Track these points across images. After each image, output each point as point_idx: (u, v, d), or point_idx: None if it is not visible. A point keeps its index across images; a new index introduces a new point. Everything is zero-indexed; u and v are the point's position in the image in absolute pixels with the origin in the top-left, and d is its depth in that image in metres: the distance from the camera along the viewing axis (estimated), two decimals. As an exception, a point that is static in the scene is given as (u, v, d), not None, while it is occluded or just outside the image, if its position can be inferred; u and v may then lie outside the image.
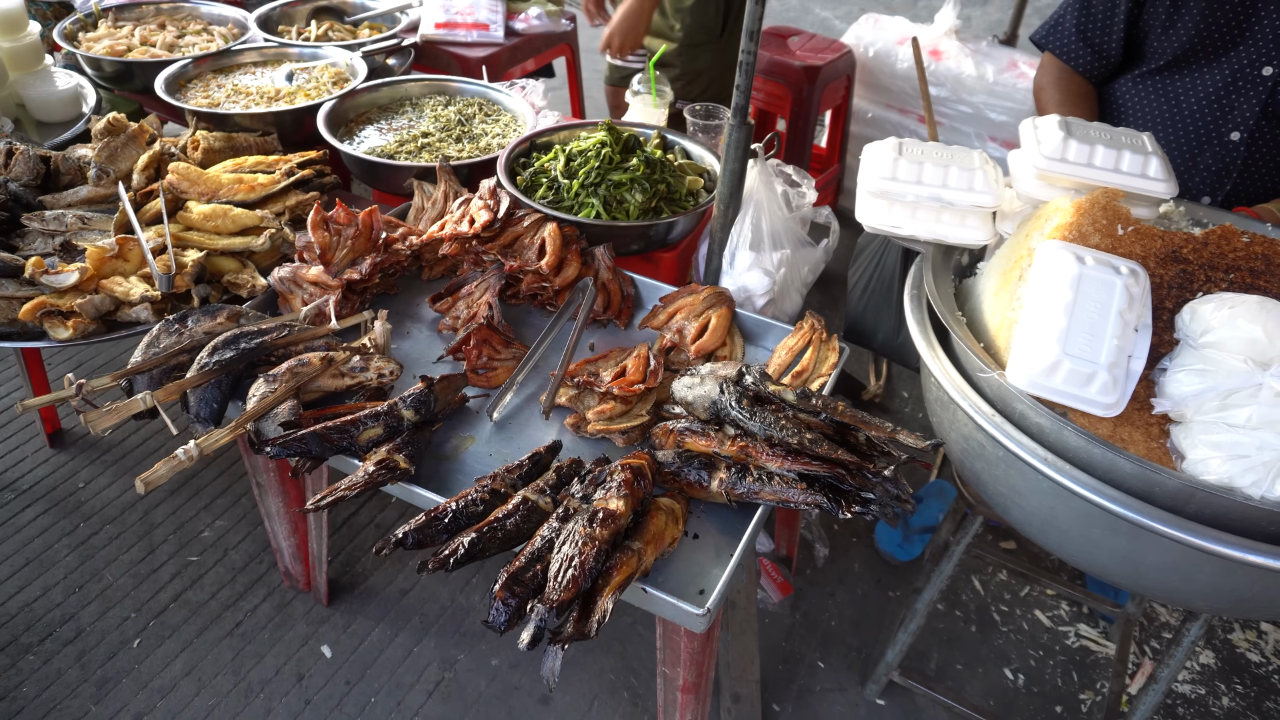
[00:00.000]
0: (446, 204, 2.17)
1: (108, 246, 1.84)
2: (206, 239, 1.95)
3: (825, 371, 1.82)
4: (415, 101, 2.66)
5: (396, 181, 2.33)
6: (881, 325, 1.94)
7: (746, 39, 1.84)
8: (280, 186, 2.05)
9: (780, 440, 1.49)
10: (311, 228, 1.85)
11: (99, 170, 2.07)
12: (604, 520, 1.36)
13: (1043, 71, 2.25)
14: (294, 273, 1.90)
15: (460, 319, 1.94)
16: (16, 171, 2.05)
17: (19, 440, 2.67)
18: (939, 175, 1.57)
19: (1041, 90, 2.24)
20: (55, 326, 1.76)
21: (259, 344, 1.66)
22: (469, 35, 3.20)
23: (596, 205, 2.11)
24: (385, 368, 1.69)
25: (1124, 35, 2.09)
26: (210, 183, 2.03)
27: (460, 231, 1.94)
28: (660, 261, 2.30)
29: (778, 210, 2.11)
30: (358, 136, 2.49)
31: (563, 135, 2.43)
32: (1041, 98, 2.23)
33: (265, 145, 2.39)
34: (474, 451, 1.65)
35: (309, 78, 2.72)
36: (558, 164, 2.20)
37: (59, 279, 1.78)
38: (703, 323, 1.90)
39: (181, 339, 1.68)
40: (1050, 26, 2.22)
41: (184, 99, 2.57)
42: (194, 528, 2.43)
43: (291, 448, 1.48)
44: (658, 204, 2.16)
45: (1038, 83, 2.27)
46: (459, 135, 2.47)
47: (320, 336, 1.74)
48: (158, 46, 2.83)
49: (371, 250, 1.92)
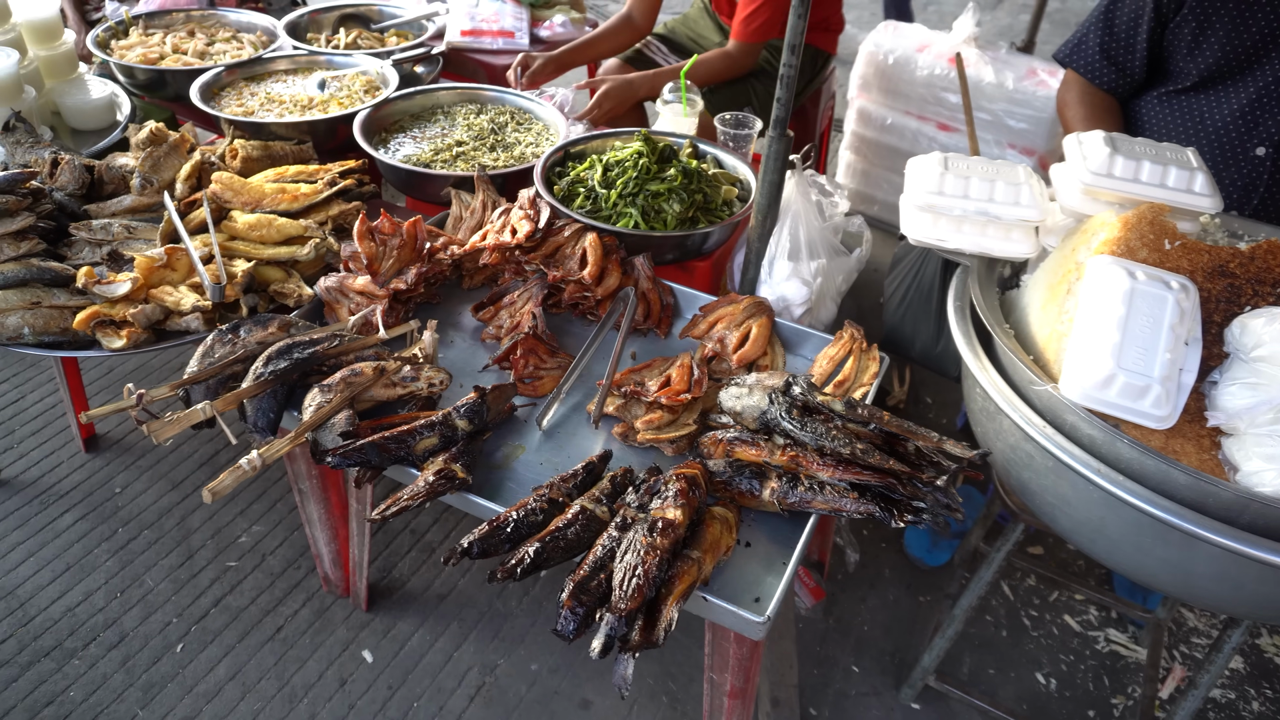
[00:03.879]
0: (485, 213, 2.19)
1: (157, 256, 1.86)
2: (251, 248, 1.97)
3: (867, 381, 1.84)
4: (447, 110, 2.68)
5: (433, 190, 2.35)
6: (920, 334, 1.96)
7: (788, 53, 1.87)
8: (323, 196, 2.07)
9: (832, 450, 1.52)
10: (358, 238, 1.87)
11: (143, 180, 2.09)
12: (663, 529, 1.39)
13: (1066, 88, 2.28)
14: (340, 282, 1.92)
15: (503, 328, 1.96)
16: (62, 181, 2.08)
17: (55, 445, 2.70)
18: (985, 190, 1.59)
19: (1065, 106, 2.26)
20: (109, 336, 1.78)
21: (311, 353, 1.68)
22: (494, 43, 3.23)
23: (635, 215, 2.14)
24: (435, 377, 1.71)
25: (1147, 54, 2.12)
26: (254, 192, 2.06)
27: (503, 242, 1.96)
28: (695, 270, 2.32)
29: (814, 220, 2.13)
30: (391, 145, 2.51)
31: (596, 144, 2.45)
32: (1066, 113, 2.25)
33: (301, 154, 2.42)
34: (525, 460, 1.68)
35: (340, 86, 2.74)
36: (594, 173, 2.23)
37: (111, 289, 1.80)
38: (743, 332, 1.93)
39: (235, 349, 1.70)
40: (1073, 45, 2.25)
41: (218, 107, 2.59)
42: (231, 533, 2.45)
43: (351, 458, 1.50)
44: (694, 214, 2.18)
45: (1061, 98, 2.30)
46: (493, 144, 2.50)
47: (369, 346, 1.77)
48: (189, 54, 2.85)
49: (416, 260, 1.94)
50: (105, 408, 1.54)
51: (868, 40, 3.82)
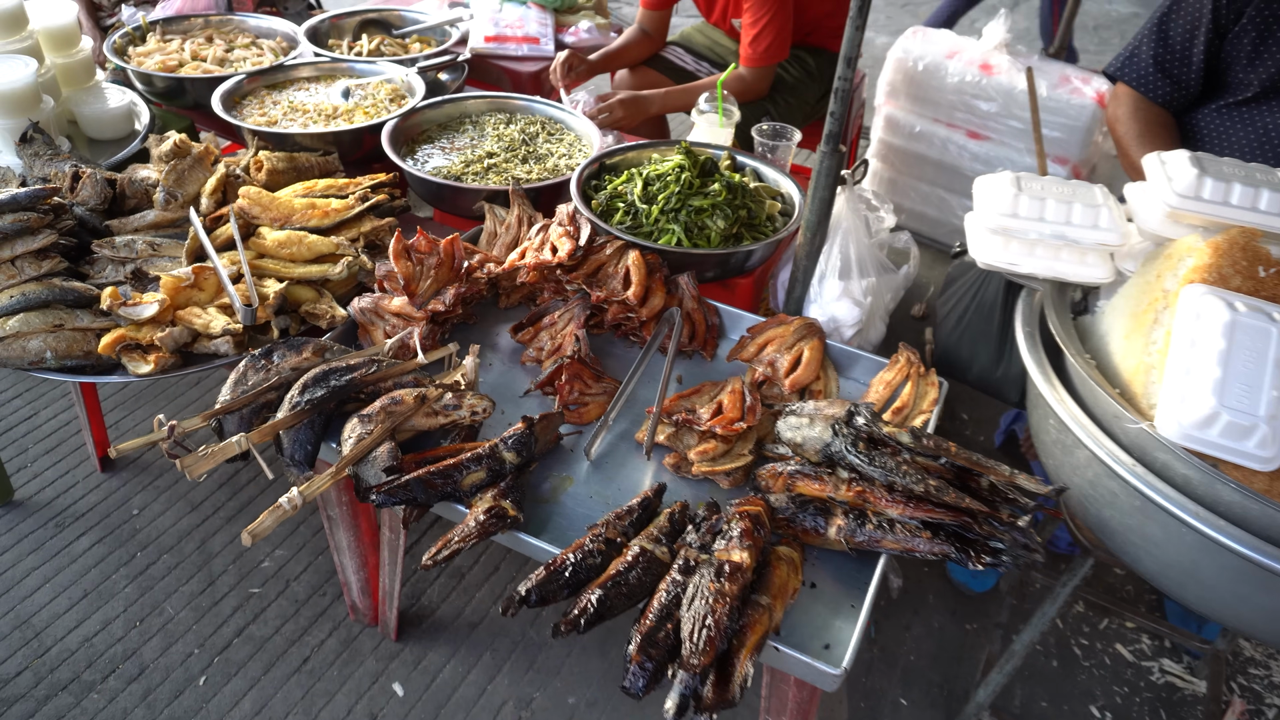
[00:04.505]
0: (521, 229, 2.11)
1: (184, 276, 1.78)
2: (281, 267, 1.89)
3: (926, 408, 1.76)
4: (475, 119, 2.60)
5: (464, 204, 2.27)
6: (978, 357, 1.88)
7: (844, 65, 1.79)
8: (355, 212, 1.99)
9: (903, 487, 1.44)
10: (394, 257, 1.79)
11: (167, 194, 2.01)
12: (731, 574, 1.31)
13: (1117, 102, 2.20)
14: (375, 304, 1.84)
15: (544, 350, 1.88)
16: (84, 195, 2.00)
17: (70, 464, 2.62)
18: (1062, 212, 1.52)
19: (1117, 122, 2.18)
20: (135, 361, 1.70)
21: (349, 381, 1.60)
22: (519, 49, 3.15)
23: (677, 232, 2.06)
24: (478, 405, 1.63)
25: (1204, 66, 2.04)
26: (283, 208, 1.98)
27: (544, 261, 1.88)
28: (736, 288, 2.24)
29: (863, 237, 2.05)
30: (419, 156, 2.43)
31: (632, 156, 2.37)
32: (1118, 129, 2.17)
33: (327, 165, 2.34)
34: (573, 493, 1.60)
35: (365, 94, 2.66)
36: (634, 188, 2.15)
37: (136, 311, 1.72)
38: (795, 355, 1.85)
39: (269, 376, 1.62)
40: (1125, 58, 2.17)
41: (240, 116, 2.51)
42: (253, 557, 2.37)
43: (397, 496, 1.42)
44: (739, 230, 2.10)
45: (1112, 114, 2.22)
46: (524, 155, 2.42)
47: (408, 371, 1.69)
48: (208, 61, 2.77)
49: (454, 280, 1.86)
50: (135, 441, 1.46)
51: (896, 46, 3.74)
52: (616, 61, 3.00)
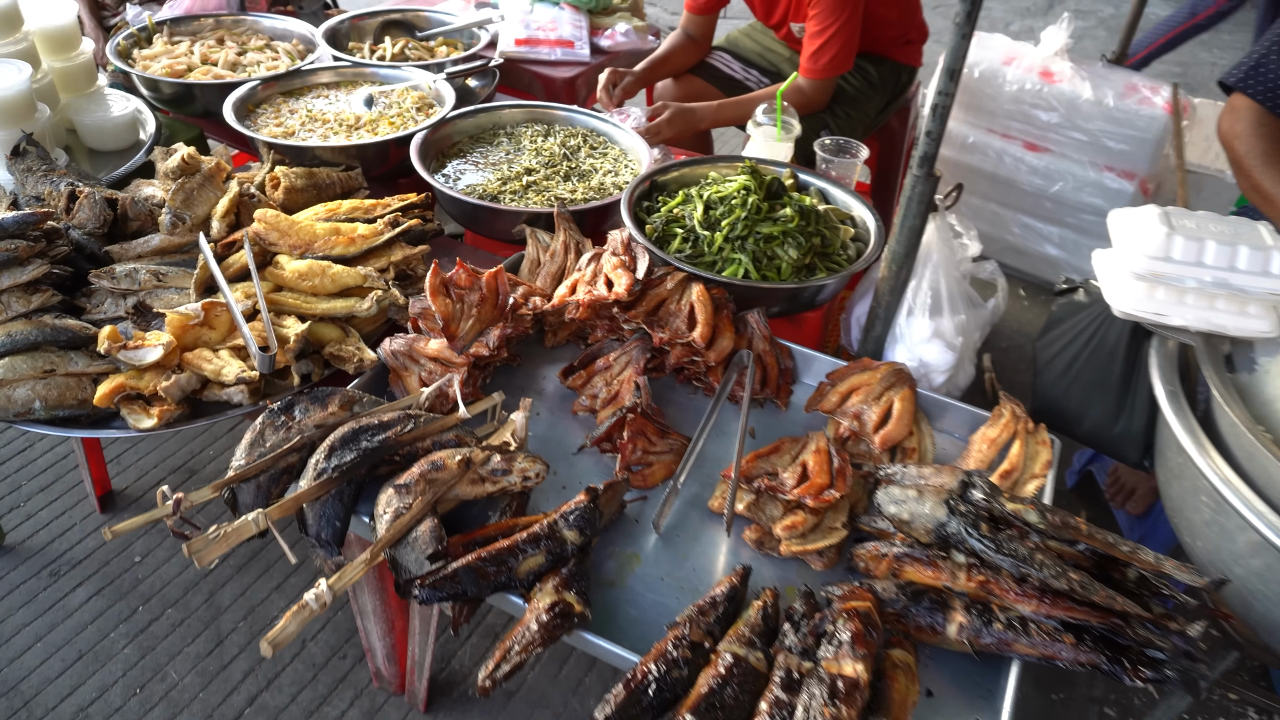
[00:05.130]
0: (567, 256, 1.89)
1: (192, 313, 1.57)
2: (302, 302, 1.68)
3: (1039, 471, 1.54)
4: (510, 131, 2.38)
5: (501, 226, 2.05)
6: (1091, 411, 1.66)
7: (946, 79, 1.57)
8: (385, 239, 1.77)
9: (1041, 581, 1.22)
10: (431, 294, 1.57)
11: (174, 217, 1.80)
12: (846, 693, 1.09)
13: (1234, 117, 1.96)
14: (409, 346, 1.62)
15: (599, 398, 1.66)
16: (81, 218, 1.78)
17: (66, 504, 2.41)
18: (1225, 255, 1.29)
19: (1236, 138, 1.95)
20: (136, 413, 1.49)
21: (382, 442, 1.38)
22: (552, 53, 2.93)
23: (745, 262, 1.84)
24: (530, 469, 1.41)
25: None
26: (303, 234, 1.76)
27: (599, 297, 1.66)
28: (804, 323, 2.02)
29: (952, 269, 1.83)
30: (449, 171, 2.22)
31: (685, 173, 2.15)
32: (1237, 147, 1.94)
33: (350, 182, 2.12)
34: (642, 575, 1.38)
35: (390, 103, 2.45)
36: (693, 211, 1.93)
37: (138, 355, 1.51)
38: (884, 407, 1.63)
39: (290, 435, 1.40)
40: (1249, 68, 1.94)
41: (254, 126, 2.30)
42: (266, 612, 2.15)
43: (444, 590, 1.20)
44: (811, 260, 1.88)
45: (1229, 130, 1.98)
46: (566, 172, 2.20)
47: (449, 428, 1.47)
48: (219, 65, 2.56)
49: (499, 319, 1.64)
50: (134, 521, 1.24)
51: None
52: (661, 70, 2.78)
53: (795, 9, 2.59)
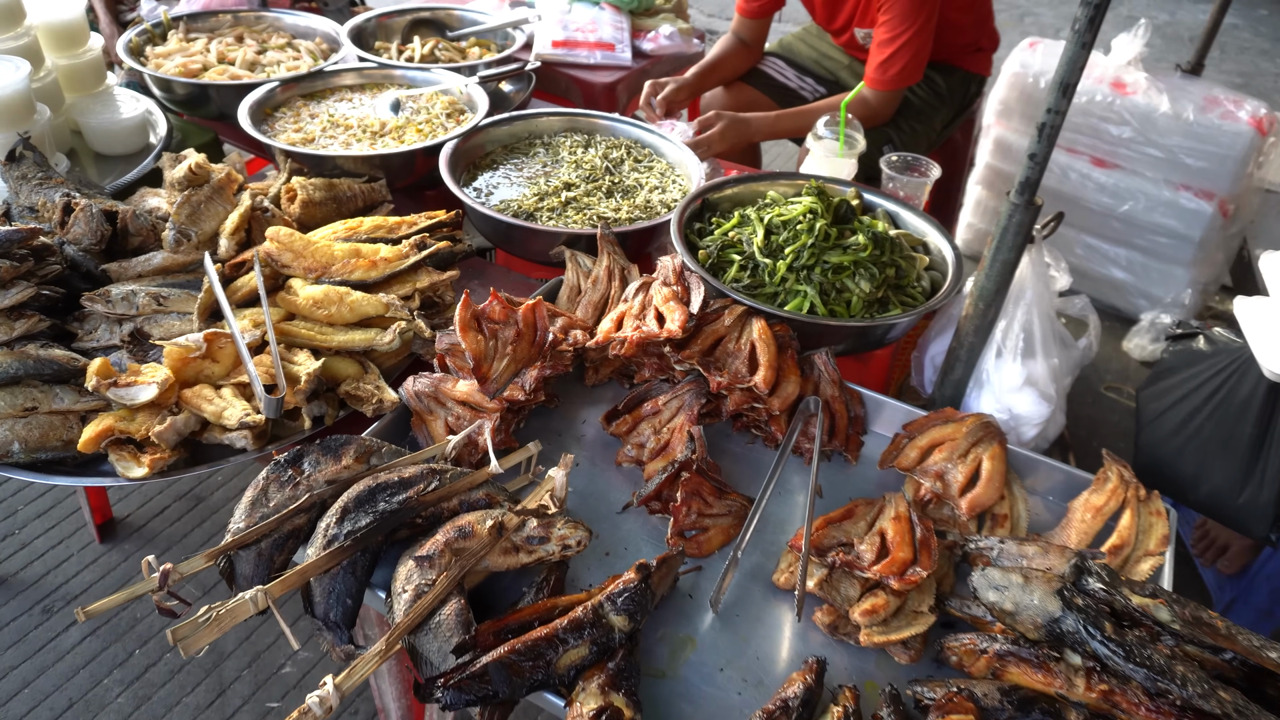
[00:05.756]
0: (611, 284, 1.71)
1: (193, 344, 1.39)
2: (317, 333, 1.50)
3: (1154, 548, 1.34)
4: (548, 141, 2.20)
5: (537, 247, 1.87)
6: (1210, 475, 1.45)
7: (1058, 94, 1.37)
8: (410, 263, 1.59)
9: (1185, 701, 1.01)
10: (461, 329, 1.39)
11: (178, 233, 1.63)
12: (958, 844, 0.89)
13: None
14: (435, 387, 1.44)
15: (647, 448, 1.47)
16: (76, 233, 1.61)
17: (64, 532, 2.25)
18: None
19: None
20: (125, 460, 1.31)
21: (402, 503, 1.20)
22: (591, 56, 2.75)
23: (811, 295, 1.64)
24: (571, 536, 1.22)
25: None
26: (320, 255, 1.58)
27: (649, 334, 1.47)
28: (870, 362, 1.83)
29: (1048, 308, 1.63)
30: (480, 183, 2.04)
31: (738, 191, 1.96)
32: None
33: (373, 194, 1.95)
34: (698, 663, 1.19)
35: (418, 108, 2.27)
36: (752, 235, 1.73)
37: (130, 393, 1.33)
38: (971, 466, 1.43)
39: (297, 491, 1.22)
40: None
41: (271, 132, 2.13)
42: (272, 660, 1.97)
43: (471, 691, 1.02)
44: (885, 293, 1.68)
45: None
46: (608, 187, 2.01)
47: (478, 484, 1.28)
48: (237, 64, 2.39)
49: (536, 357, 1.45)
50: (114, 598, 1.07)
51: (1011, 59, 3.30)
52: (711, 78, 2.59)
53: (862, 13, 2.39)
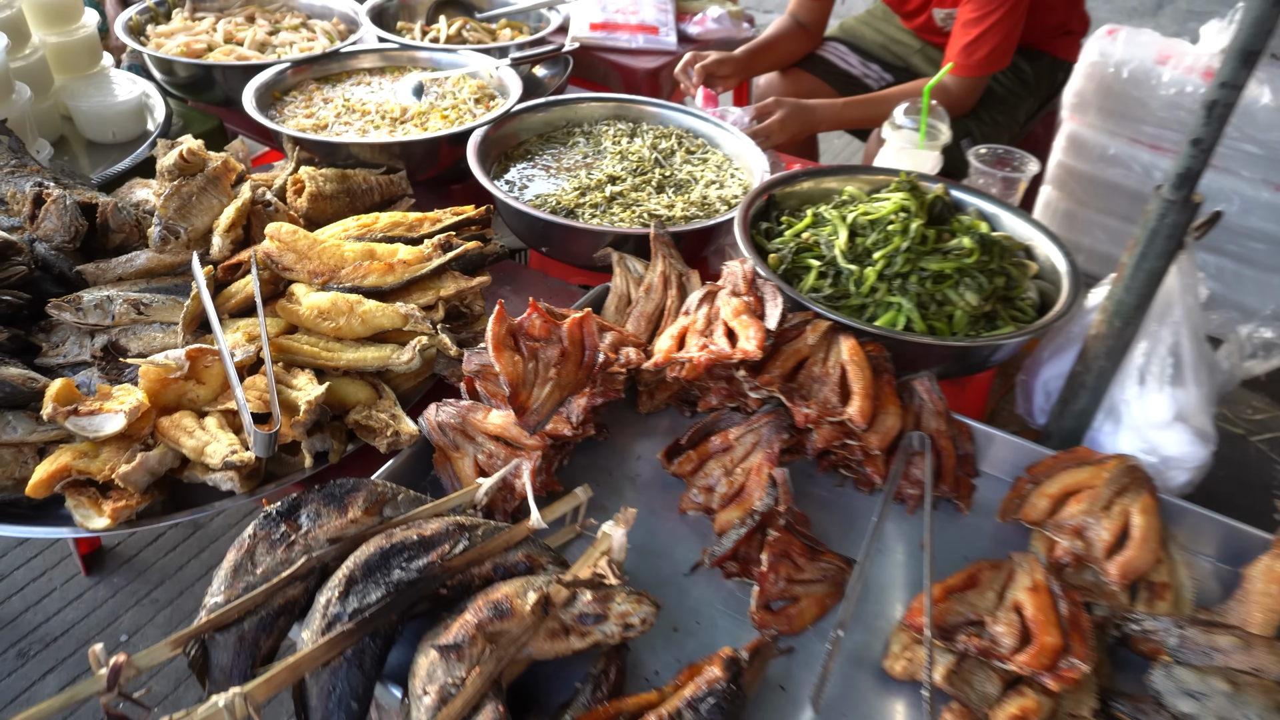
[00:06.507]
0: (667, 293, 1.45)
1: (174, 363, 1.15)
2: (322, 350, 1.25)
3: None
4: (589, 130, 1.95)
5: (578, 249, 1.62)
6: None
7: (1236, 65, 1.10)
8: (433, 266, 1.35)
9: None
10: (494, 348, 1.14)
11: (164, 229, 1.39)
12: None
13: None
14: (463, 418, 1.19)
15: (717, 493, 1.22)
16: (47, 229, 1.38)
17: (46, 563, 2.02)
18: None
19: None
20: (84, 507, 1.07)
21: (423, 570, 0.95)
22: (633, 40, 2.50)
23: (907, 309, 1.38)
24: (634, 613, 0.97)
25: None
26: (328, 257, 1.34)
27: (720, 354, 1.21)
28: (966, 387, 1.56)
29: (1199, 325, 1.35)
30: (513, 176, 1.79)
31: (808, 187, 1.70)
32: None
33: (391, 187, 1.71)
34: (798, 785, 0.93)
35: (443, 92, 2.03)
36: (832, 237, 1.47)
37: (95, 423, 1.10)
38: (1118, 522, 1.16)
39: (292, 554, 0.98)
40: None
41: (279, 118, 1.89)
42: (273, 716, 1.73)
43: (512, 843, 0.77)
44: (993, 306, 1.42)
45: None
46: (659, 181, 1.76)
47: (516, 543, 1.03)
48: (245, 45, 2.17)
49: (585, 382, 1.20)
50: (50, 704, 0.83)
51: (1089, 47, 3.01)
52: (764, 60, 2.34)
53: None
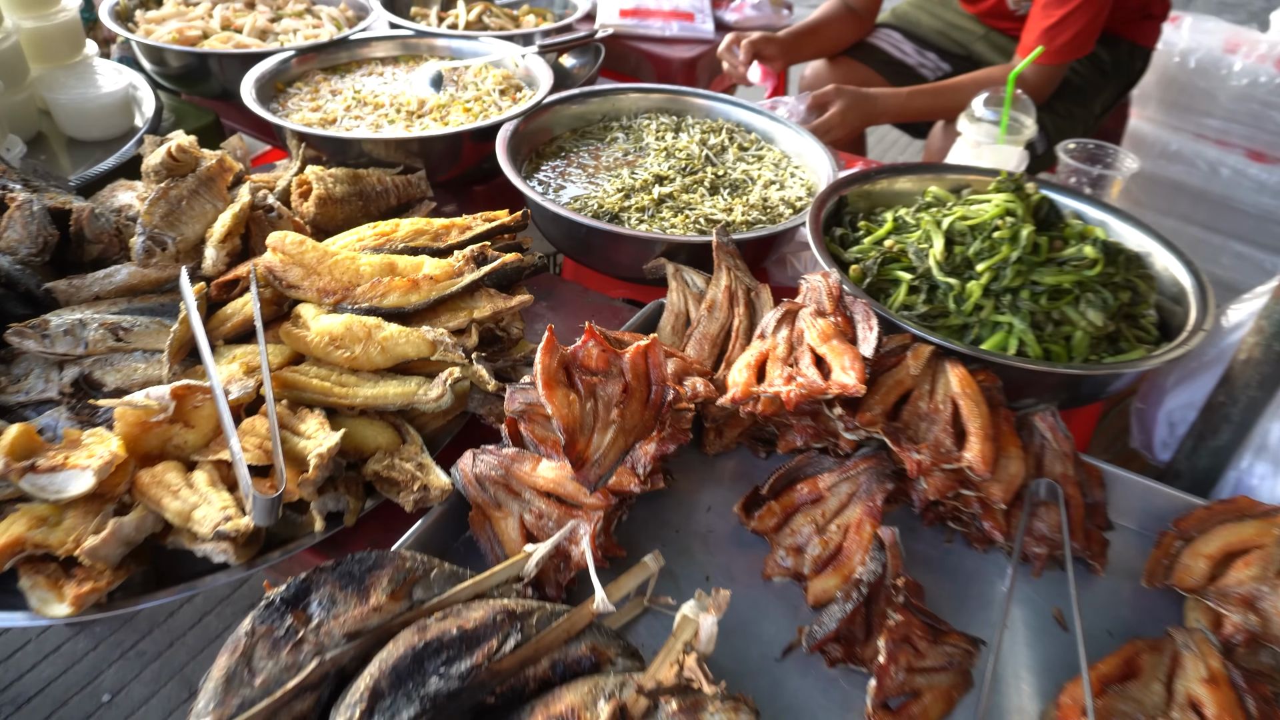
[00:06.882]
0: (734, 311, 1.25)
1: (155, 404, 0.95)
2: (334, 384, 1.05)
3: None
4: (628, 124, 1.75)
5: (623, 259, 1.42)
6: None
7: None
8: (466, 282, 1.14)
9: None
10: (545, 386, 0.93)
11: (149, 239, 1.19)
12: None
13: None
14: (506, 470, 0.99)
15: (808, 555, 1.01)
16: (11, 239, 1.18)
17: (23, 609, 1.80)
18: None
19: None
20: (42, 589, 0.87)
21: (466, 677, 0.75)
22: (666, 27, 2.30)
23: (1020, 329, 1.17)
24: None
25: None
26: (341, 272, 1.13)
27: (813, 388, 1.01)
28: (1073, 418, 1.36)
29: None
30: (544, 175, 1.59)
31: (880, 187, 1.50)
32: None
33: (409, 189, 1.51)
34: None
35: (463, 83, 1.83)
36: (923, 245, 1.27)
37: (56, 482, 0.89)
38: (1301, 594, 0.95)
39: (301, 656, 0.77)
40: None
41: (283, 111, 1.70)
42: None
43: None
44: (1117, 327, 1.21)
45: None
46: (712, 182, 1.55)
47: (578, 632, 0.83)
48: (245, 33, 1.97)
49: (652, 424, 0.99)
50: None
51: (1152, 37, 2.82)
52: (810, 45, 2.14)
53: None
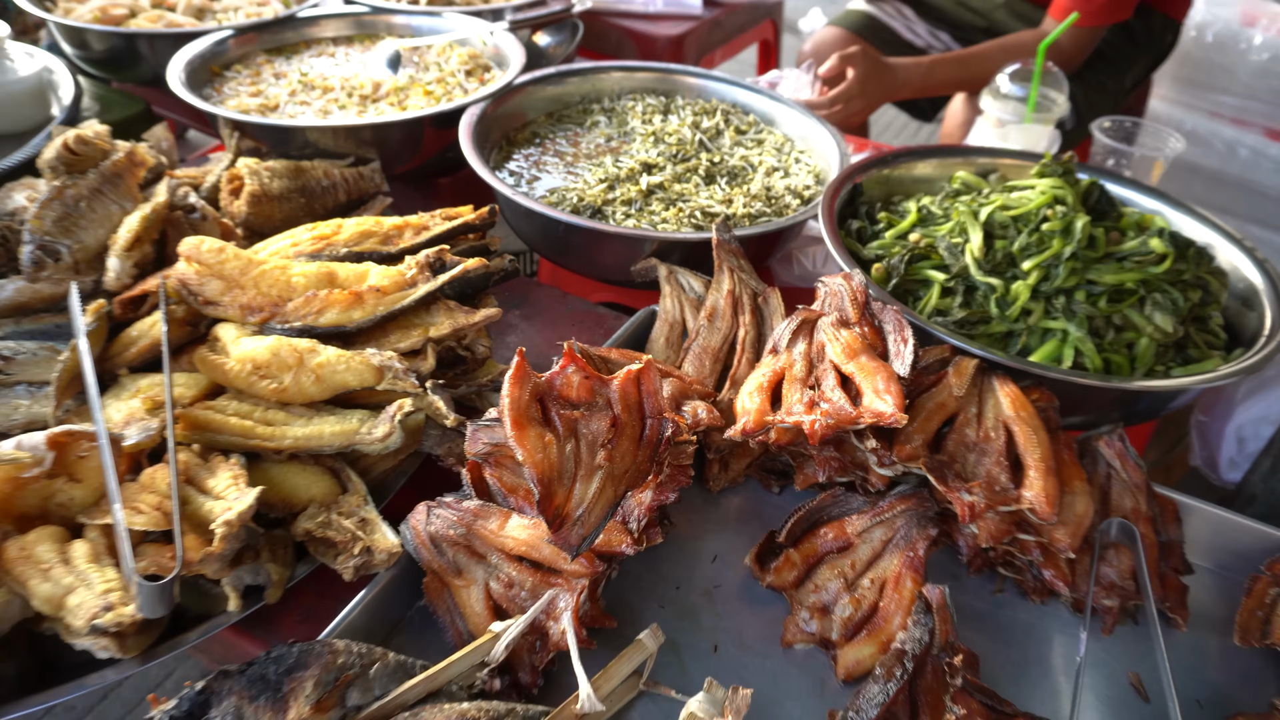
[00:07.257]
0: (738, 319, 1.06)
1: (28, 457, 0.76)
2: (257, 421, 0.86)
3: None
4: (609, 106, 1.56)
5: (608, 259, 1.24)
6: None
7: None
8: (420, 294, 0.95)
9: None
10: (514, 425, 0.74)
11: (38, 249, 0.99)
12: None
13: None
14: (468, 528, 0.80)
15: (836, 616, 0.84)
16: None
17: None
18: None
19: None
20: None
21: (413, 820, 0.56)
22: (650, 2, 2.11)
23: (1076, 336, 1.00)
24: None
25: None
26: (269, 285, 0.94)
27: (844, 417, 0.82)
28: (1130, 431, 1.19)
29: None
30: (513, 166, 1.40)
31: (899, 172, 1.32)
32: None
33: (360, 184, 1.31)
34: None
35: (424, 63, 1.63)
36: (958, 238, 1.09)
37: (-108, 562, 0.70)
38: None
39: (193, 798, 0.59)
40: None
41: (218, 97, 1.50)
42: None
43: None
44: (1186, 332, 1.04)
45: None
46: (707, 170, 1.37)
47: (560, 744, 0.65)
48: (179, 10, 1.76)
49: (648, 463, 0.81)
50: None
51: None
52: None
53: None
